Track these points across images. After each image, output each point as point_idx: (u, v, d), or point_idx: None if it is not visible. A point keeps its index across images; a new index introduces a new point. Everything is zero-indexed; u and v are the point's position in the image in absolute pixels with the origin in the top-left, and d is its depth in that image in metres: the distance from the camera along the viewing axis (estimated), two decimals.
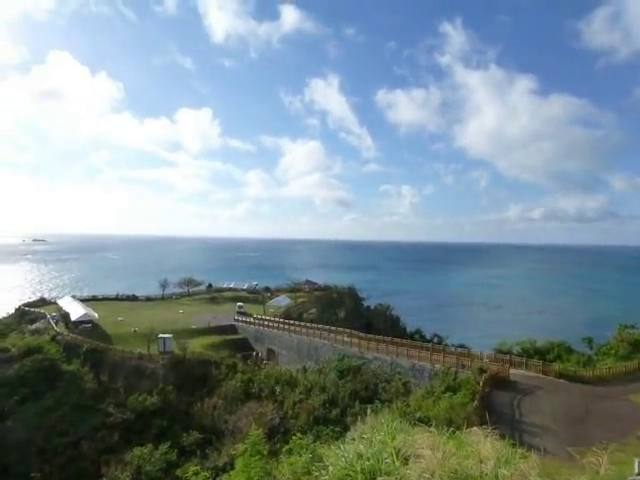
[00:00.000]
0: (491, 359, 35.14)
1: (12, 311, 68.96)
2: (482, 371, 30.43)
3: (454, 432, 5.99)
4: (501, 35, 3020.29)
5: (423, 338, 70.11)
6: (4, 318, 64.97)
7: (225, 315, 69.48)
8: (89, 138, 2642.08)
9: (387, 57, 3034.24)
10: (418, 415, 22.52)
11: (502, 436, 5.48)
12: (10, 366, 40.06)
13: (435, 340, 68.53)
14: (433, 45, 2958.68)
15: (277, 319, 61.38)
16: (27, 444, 33.92)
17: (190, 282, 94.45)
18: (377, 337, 47.68)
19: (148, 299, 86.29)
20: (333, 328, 53.89)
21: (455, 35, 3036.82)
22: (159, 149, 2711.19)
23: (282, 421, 35.38)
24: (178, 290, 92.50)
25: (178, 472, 30.67)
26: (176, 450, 33.92)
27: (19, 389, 37.90)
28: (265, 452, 7.13)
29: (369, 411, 8.97)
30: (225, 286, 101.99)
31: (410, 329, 79.35)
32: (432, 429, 5.32)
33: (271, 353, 57.46)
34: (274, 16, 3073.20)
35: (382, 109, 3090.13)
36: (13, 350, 42.94)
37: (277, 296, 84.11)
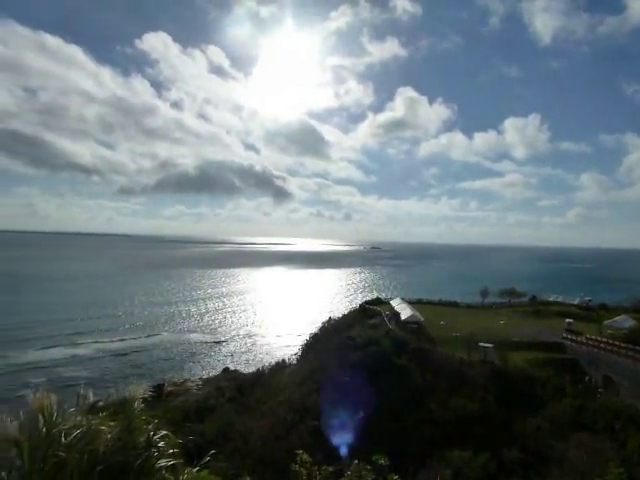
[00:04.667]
0: None
1: (357, 307, 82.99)
2: None
3: None
4: None
5: None
6: (351, 312, 78.73)
7: (550, 331, 63.66)
8: (422, 157, 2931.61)
9: None
10: None
11: None
12: (355, 352, 48.47)
13: None
14: None
15: (618, 343, 52.03)
16: (368, 419, 40.24)
17: (512, 292, 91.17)
18: None
19: (468, 306, 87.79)
20: None
21: None
22: (483, 160, 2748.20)
23: (624, 464, 29.84)
24: (498, 300, 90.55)
25: None
26: (495, 463, 33.44)
27: (362, 372, 45.39)
28: None
29: None
30: (551, 299, 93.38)
31: None
32: None
33: (608, 381, 49.09)
34: (613, 6, 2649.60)
35: None
36: (358, 340, 51.72)
37: (617, 315, 71.36)
